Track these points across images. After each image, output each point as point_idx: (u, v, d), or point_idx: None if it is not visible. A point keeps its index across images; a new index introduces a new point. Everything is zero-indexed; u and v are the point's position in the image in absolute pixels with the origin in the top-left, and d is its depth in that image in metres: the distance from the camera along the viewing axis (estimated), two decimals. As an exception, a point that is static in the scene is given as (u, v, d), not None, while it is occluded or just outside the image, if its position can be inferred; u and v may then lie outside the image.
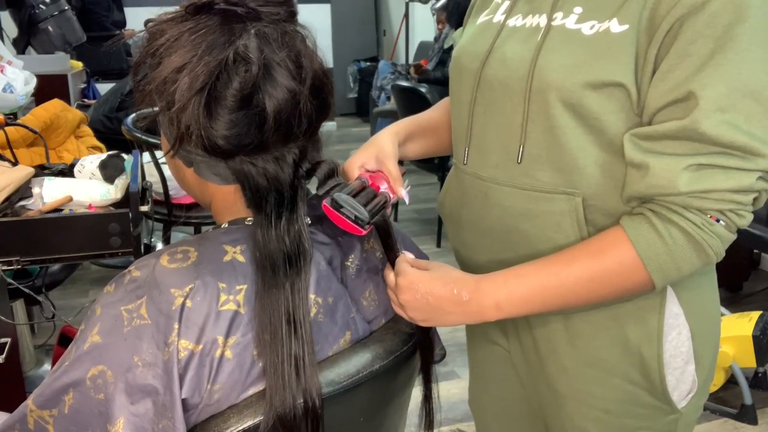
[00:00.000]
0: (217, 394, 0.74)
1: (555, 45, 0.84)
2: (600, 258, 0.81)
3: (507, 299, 0.83)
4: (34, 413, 0.76)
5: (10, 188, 1.38)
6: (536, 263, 0.84)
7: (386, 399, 0.90)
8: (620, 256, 0.80)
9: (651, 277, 0.80)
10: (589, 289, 0.82)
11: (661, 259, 0.79)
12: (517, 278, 0.83)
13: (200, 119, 0.73)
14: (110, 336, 0.73)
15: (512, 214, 0.90)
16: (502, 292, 0.83)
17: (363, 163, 0.97)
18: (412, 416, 1.04)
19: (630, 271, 0.80)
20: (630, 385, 0.90)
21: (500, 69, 0.89)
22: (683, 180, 0.76)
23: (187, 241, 0.80)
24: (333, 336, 0.82)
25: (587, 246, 0.83)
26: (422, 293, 0.84)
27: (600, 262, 0.81)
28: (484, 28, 0.96)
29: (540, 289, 0.83)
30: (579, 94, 0.81)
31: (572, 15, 0.84)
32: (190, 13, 0.75)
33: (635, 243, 0.80)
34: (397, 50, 7.35)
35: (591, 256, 0.82)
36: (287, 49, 0.76)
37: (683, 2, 0.75)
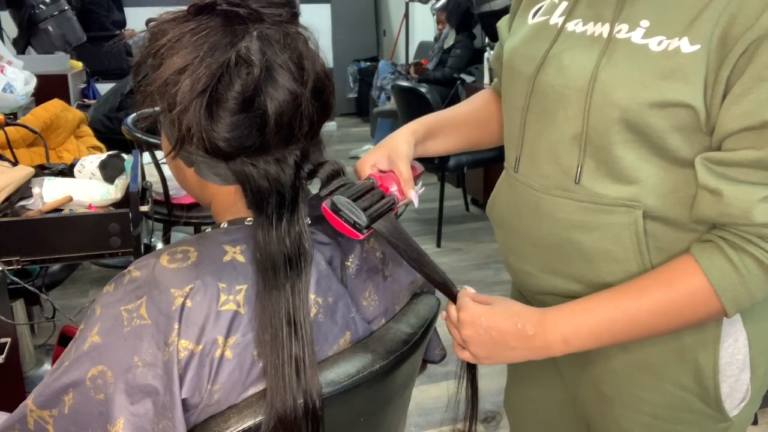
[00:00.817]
0: (217, 395, 0.74)
1: (619, 60, 0.81)
2: (672, 289, 0.79)
3: (575, 333, 0.81)
4: (34, 413, 0.76)
5: (10, 188, 1.38)
6: (604, 295, 0.83)
7: (386, 399, 0.90)
8: (693, 287, 0.79)
9: (725, 307, 0.78)
10: (661, 321, 0.80)
11: (736, 289, 0.78)
12: (586, 311, 0.82)
13: (201, 121, 0.73)
14: (110, 336, 0.73)
15: (565, 226, 0.88)
16: (569, 326, 0.81)
17: (375, 162, 0.96)
18: (412, 416, 1.04)
19: (703, 302, 0.79)
20: (682, 391, 0.89)
21: (556, 77, 0.87)
22: (759, 211, 0.75)
23: (186, 241, 0.80)
24: (333, 336, 0.82)
25: (657, 276, 0.81)
26: (485, 328, 0.83)
27: (672, 293, 0.79)
28: (539, 30, 0.93)
29: (609, 323, 0.81)
30: (644, 113, 0.79)
31: (639, 29, 0.81)
32: (192, 13, 0.75)
33: (708, 273, 0.78)
34: (397, 50, 7.35)
35: (662, 288, 0.80)
36: (289, 51, 0.76)
37: (761, 23, 0.72)
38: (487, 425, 2.26)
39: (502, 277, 3.45)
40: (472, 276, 3.47)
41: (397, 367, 0.85)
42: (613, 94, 0.80)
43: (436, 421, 2.25)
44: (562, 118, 0.85)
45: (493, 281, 3.40)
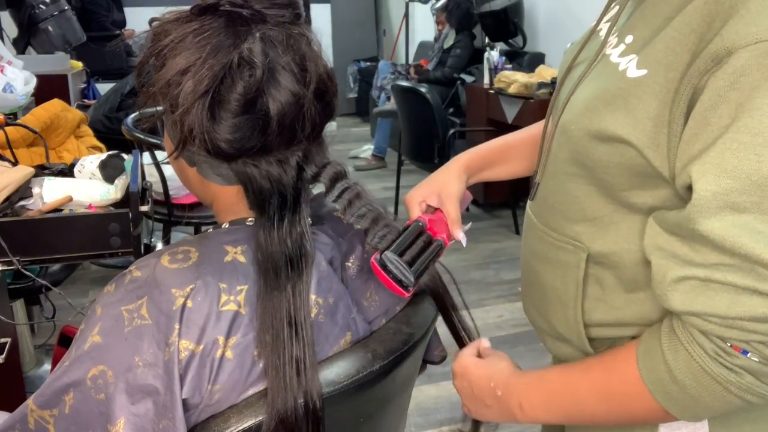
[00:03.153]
0: (217, 395, 0.74)
1: (591, 79, 0.73)
2: (608, 373, 0.70)
3: (528, 402, 0.77)
4: (35, 413, 0.76)
5: (10, 188, 1.38)
6: (558, 368, 0.78)
7: (386, 399, 0.90)
8: (625, 373, 0.68)
9: (662, 405, 0.66)
10: (600, 406, 0.71)
11: (668, 387, 0.64)
12: (539, 381, 0.77)
13: (203, 122, 0.73)
14: (111, 336, 0.73)
15: (531, 253, 0.85)
16: (524, 393, 0.78)
17: (424, 198, 0.94)
18: (412, 416, 1.04)
19: (636, 395, 0.67)
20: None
21: (563, 90, 0.80)
22: (674, 298, 0.62)
23: (187, 241, 0.80)
24: (333, 336, 0.82)
25: (604, 356, 0.73)
26: (468, 382, 0.84)
27: (607, 377, 0.70)
28: (587, 34, 0.84)
29: (557, 398, 0.75)
30: (584, 143, 0.70)
31: (622, 45, 0.70)
32: (195, 13, 0.75)
33: (639, 363, 0.66)
34: (397, 50, 7.36)
35: (602, 369, 0.71)
36: (292, 52, 0.76)
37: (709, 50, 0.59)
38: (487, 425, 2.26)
39: (501, 277, 3.45)
40: (472, 276, 3.47)
41: (397, 367, 0.85)
42: (565, 116, 0.74)
43: (436, 421, 2.25)
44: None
45: (493, 281, 3.40)
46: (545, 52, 4.92)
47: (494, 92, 4.20)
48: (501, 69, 4.34)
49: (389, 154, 5.63)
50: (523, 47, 5.00)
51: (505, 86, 4.09)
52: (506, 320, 3.02)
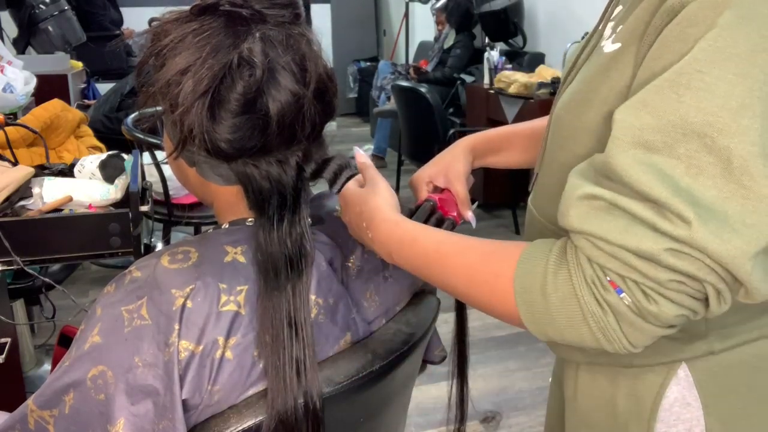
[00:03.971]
0: (217, 395, 0.74)
1: (583, 70, 0.73)
2: (485, 261, 0.68)
3: (398, 254, 0.76)
4: (35, 413, 0.76)
5: (10, 188, 1.38)
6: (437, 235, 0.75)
7: (386, 399, 0.90)
8: (499, 269, 0.65)
9: (520, 313, 0.63)
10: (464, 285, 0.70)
11: (533, 296, 0.62)
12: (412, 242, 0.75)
13: (203, 122, 0.73)
14: (111, 336, 0.73)
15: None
16: (394, 245, 0.76)
17: (431, 179, 0.94)
18: (412, 416, 1.04)
19: (502, 295, 0.65)
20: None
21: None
22: (574, 211, 0.59)
23: (187, 241, 0.80)
24: (333, 337, 0.82)
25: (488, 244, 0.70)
26: (348, 215, 0.83)
27: (482, 264, 0.68)
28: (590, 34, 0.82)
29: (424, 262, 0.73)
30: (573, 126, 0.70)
31: (614, 34, 0.69)
32: (194, 13, 0.75)
33: (519, 264, 0.64)
34: (397, 50, 7.36)
35: (480, 255, 0.69)
36: (292, 52, 0.76)
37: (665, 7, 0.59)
38: (487, 425, 2.26)
39: (502, 277, 3.45)
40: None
41: (397, 367, 0.85)
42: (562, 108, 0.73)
43: (436, 421, 2.25)
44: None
45: (493, 281, 3.40)
46: (545, 52, 4.92)
47: (494, 92, 4.20)
48: (501, 69, 4.34)
49: (389, 154, 5.63)
50: (523, 47, 5.00)
51: (505, 86, 4.09)
52: (506, 320, 3.01)
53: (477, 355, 2.70)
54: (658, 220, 0.55)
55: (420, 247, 0.74)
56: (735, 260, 0.54)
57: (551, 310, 0.61)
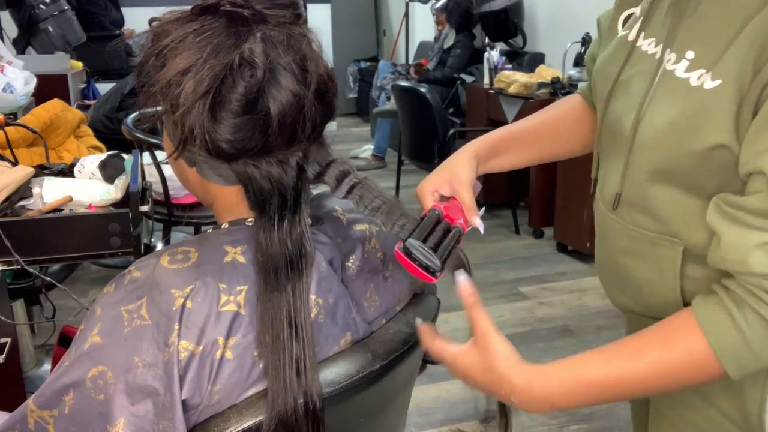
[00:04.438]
0: (217, 395, 0.74)
1: (661, 95, 0.78)
2: (668, 349, 0.72)
3: (566, 403, 0.75)
4: (35, 413, 0.76)
5: (10, 188, 1.38)
6: (597, 355, 0.76)
7: (386, 399, 0.90)
8: (690, 347, 0.71)
9: (725, 369, 0.71)
10: (656, 383, 0.74)
11: (737, 349, 0.70)
12: (577, 382, 0.75)
13: (204, 123, 0.73)
14: (110, 336, 0.73)
15: (617, 249, 0.88)
16: (556, 393, 0.75)
17: (436, 188, 0.95)
18: (412, 416, 1.04)
19: (701, 364, 0.71)
20: (726, 420, 0.84)
21: (620, 104, 0.84)
22: (756, 258, 0.67)
23: (187, 241, 0.80)
24: (333, 337, 0.82)
25: (654, 333, 0.75)
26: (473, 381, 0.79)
27: (668, 353, 0.72)
28: (619, 46, 0.89)
29: (598, 386, 0.74)
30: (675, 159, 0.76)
31: (684, 60, 0.75)
32: (195, 13, 0.75)
33: (706, 332, 0.71)
34: (397, 50, 7.36)
35: (658, 348, 0.73)
36: (293, 52, 0.76)
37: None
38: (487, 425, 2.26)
39: (501, 277, 3.45)
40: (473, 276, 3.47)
41: (397, 367, 0.85)
42: (647, 134, 0.78)
43: (436, 421, 2.25)
44: (615, 148, 0.85)
45: (493, 281, 3.40)
46: (545, 52, 4.92)
47: (494, 92, 4.20)
48: (501, 69, 4.34)
49: (389, 154, 5.63)
50: (523, 47, 5.00)
51: (505, 86, 4.09)
52: (506, 320, 3.02)
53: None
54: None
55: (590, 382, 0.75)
56: None
57: (758, 353, 0.69)
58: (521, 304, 3.16)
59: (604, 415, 2.32)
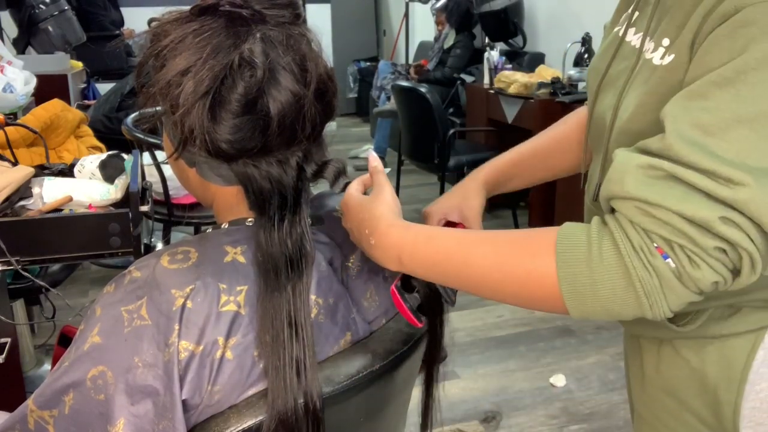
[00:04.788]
0: (217, 395, 0.74)
1: (638, 83, 0.77)
2: (517, 247, 0.69)
3: (410, 257, 0.75)
4: (35, 413, 0.76)
5: (10, 188, 1.38)
6: (455, 231, 0.76)
7: (386, 399, 0.90)
8: (537, 252, 0.67)
9: (560, 288, 0.65)
10: (495, 276, 0.70)
11: (578, 269, 0.64)
12: (428, 240, 0.75)
13: (204, 123, 0.73)
14: (110, 336, 0.73)
15: None
16: (407, 248, 0.76)
17: (445, 214, 0.95)
18: (412, 416, 1.04)
19: (540, 273, 0.66)
20: (701, 425, 0.84)
21: (607, 98, 0.84)
22: (632, 178, 0.63)
23: (187, 241, 0.80)
24: (334, 337, 0.82)
25: (515, 232, 0.71)
26: (350, 222, 0.82)
27: (515, 250, 0.69)
28: (609, 42, 0.89)
29: (444, 253, 0.73)
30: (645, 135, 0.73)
31: (660, 48, 0.75)
32: (194, 14, 0.75)
33: (558, 239, 0.66)
34: (397, 50, 7.36)
35: (510, 243, 0.70)
36: (292, 52, 0.76)
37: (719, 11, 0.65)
38: (487, 425, 2.26)
39: (502, 277, 3.45)
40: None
41: (397, 367, 0.85)
42: (623, 117, 0.77)
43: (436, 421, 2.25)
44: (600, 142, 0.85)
45: (493, 281, 3.40)
46: (545, 52, 4.92)
47: (494, 92, 4.20)
48: (501, 69, 4.34)
49: (389, 154, 5.63)
50: (523, 47, 5.00)
51: (505, 86, 4.09)
52: (506, 320, 3.02)
53: (477, 355, 2.70)
54: (716, 187, 0.59)
55: (438, 244, 0.74)
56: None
57: (596, 281, 0.63)
58: (521, 304, 3.16)
59: (604, 415, 2.32)
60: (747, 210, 0.59)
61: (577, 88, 3.77)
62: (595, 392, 2.45)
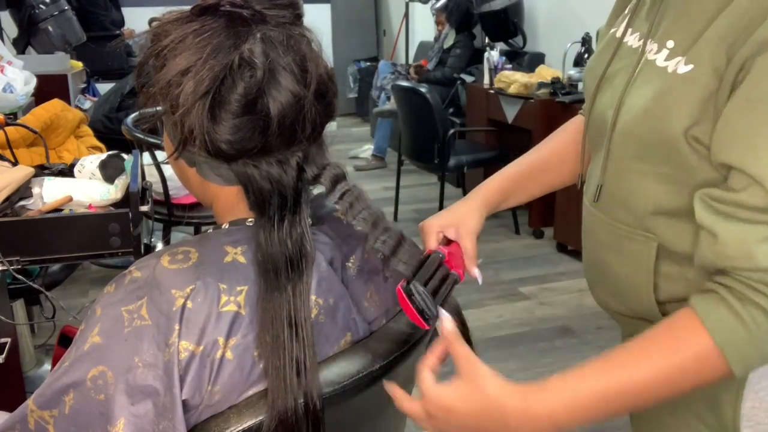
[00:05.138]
0: (217, 395, 0.74)
1: (640, 83, 0.78)
2: (672, 351, 0.69)
3: (565, 418, 0.68)
4: (35, 413, 0.76)
5: (10, 188, 1.38)
6: (597, 364, 0.71)
7: (386, 399, 0.90)
8: (697, 349, 0.68)
9: (731, 368, 0.68)
10: (663, 389, 0.70)
11: (743, 347, 0.68)
12: (575, 392, 0.69)
13: (204, 123, 0.73)
14: (111, 336, 0.73)
15: (599, 245, 0.89)
16: (558, 409, 0.69)
17: (442, 229, 0.95)
18: (412, 416, 1.04)
19: (708, 364, 0.69)
20: (701, 424, 0.84)
21: (605, 97, 0.85)
22: (761, 253, 0.66)
23: (187, 241, 0.80)
24: (334, 337, 0.82)
25: (656, 337, 0.71)
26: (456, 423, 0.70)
27: (674, 358, 0.69)
28: (607, 44, 0.91)
29: (603, 400, 0.69)
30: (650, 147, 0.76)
31: (664, 50, 0.76)
32: (195, 14, 0.75)
33: (711, 329, 0.68)
34: (397, 50, 7.36)
35: (663, 352, 0.69)
36: (292, 52, 0.76)
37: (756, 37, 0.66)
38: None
39: (501, 277, 3.45)
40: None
41: (397, 367, 0.85)
42: (626, 117, 0.78)
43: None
44: (599, 142, 0.86)
45: (492, 281, 3.40)
46: (545, 52, 4.92)
47: (494, 92, 4.20)
48: (501, 69, 4.34)
49: (389, 154, 5.63)
50: (523, 47, 5.00)
51: (505, 86, 4.09)
52: (506, 320, 3.01)
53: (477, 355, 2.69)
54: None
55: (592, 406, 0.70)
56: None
57: (764, 348, 0.68)
58: (521, 304, 3.16)
59: (604, 415, 2.32)
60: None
61: (577, 88, 3.77)
62: (595, 392, 2.45)
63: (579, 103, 3.55)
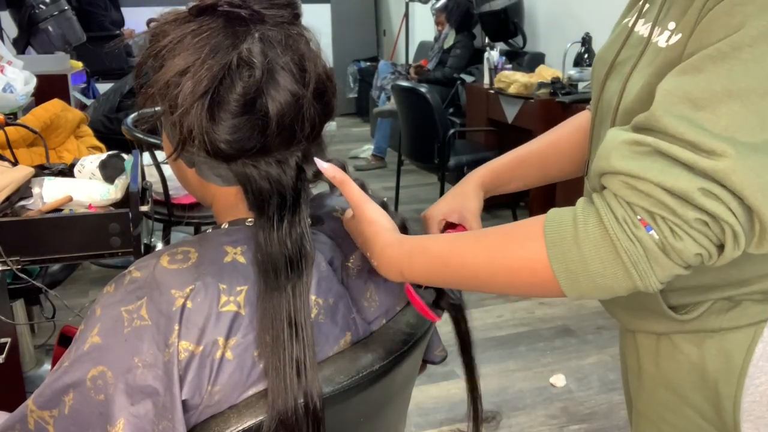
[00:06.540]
0: (217, 395, 0.74)
1: (643, 65, 0.78)
2: (507, 238, 0.72)
3: (409, 270, 0.79)
4: (35, 413, 0.76)
5: (10, 188, 1.38)
6: (448, 236, 0.80)
7: (386, 399, 0.90)
8: (526, 238, 0.69)
9: (552, 270, 0.66)
10: (490, 270, 0.72)
11: (566, 248, 0.65)
12: (423, 252, 0.78)
13: (203, 123, 0.73)
14: (110, 337, 0.73)
15: None
16: (404, 263, 0.79)
17: (444, 216, 0.95)
18: (412, 416, 1.04)
19: (532, 259, 0.68)
20: (701, 420, 0.84)
21: (614, 84, 0.84)
22: (617, 153, 0.64)
23: (187, 241, 0.80)
24: (333, 337, 0.82)
25: (502, 226, 0.74)
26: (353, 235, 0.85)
27: (506, 241, 0.71)
28: (619, 32, 0.90)
29: (439, 260, 0.76)
30: None
31: (666, 32, 0.76)
32: (193, 14, 0.75)
33: (546, 223, 0.67)
34: (397, 50, 7.36)
35: (500, 236, 0.73)
36: (291, 52, 0.76)
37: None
38: (487, 425, 2.26)
39: (502, 277, 3.45)
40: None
41: (397, 367, 0.85)
42: (627, 99, 0.78)
43: (436, 421, 2.25)
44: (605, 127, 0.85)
45: (493, 281, 3.40)
46: (545, 52, 4.92)
47: (494, 92, 4.20)
48: (501, 69, 4.34)
49: (389, 154, 5.64)
50: (523, 47, 5.00)
51: (505, 86, 4.09)
52: (506, 320, 3.02)
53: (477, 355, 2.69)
54: (697, 158, 0.61)
55: (432, 253, 0.78)
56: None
57: (585, 257, 0.65)
58: (521, 304, 3.16)
59: (605, 415, 2.32)
60: (728, 182, 0.60)
61: (577, 88, 3.77)
62: (595, 392, 2.45)
63: (579, 103, 3.55)
